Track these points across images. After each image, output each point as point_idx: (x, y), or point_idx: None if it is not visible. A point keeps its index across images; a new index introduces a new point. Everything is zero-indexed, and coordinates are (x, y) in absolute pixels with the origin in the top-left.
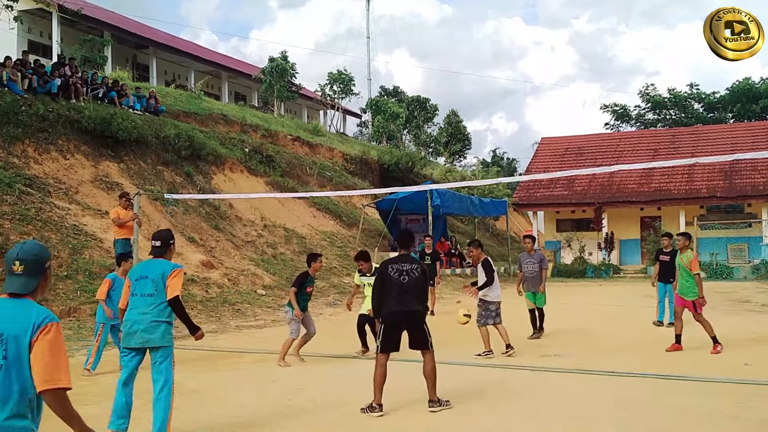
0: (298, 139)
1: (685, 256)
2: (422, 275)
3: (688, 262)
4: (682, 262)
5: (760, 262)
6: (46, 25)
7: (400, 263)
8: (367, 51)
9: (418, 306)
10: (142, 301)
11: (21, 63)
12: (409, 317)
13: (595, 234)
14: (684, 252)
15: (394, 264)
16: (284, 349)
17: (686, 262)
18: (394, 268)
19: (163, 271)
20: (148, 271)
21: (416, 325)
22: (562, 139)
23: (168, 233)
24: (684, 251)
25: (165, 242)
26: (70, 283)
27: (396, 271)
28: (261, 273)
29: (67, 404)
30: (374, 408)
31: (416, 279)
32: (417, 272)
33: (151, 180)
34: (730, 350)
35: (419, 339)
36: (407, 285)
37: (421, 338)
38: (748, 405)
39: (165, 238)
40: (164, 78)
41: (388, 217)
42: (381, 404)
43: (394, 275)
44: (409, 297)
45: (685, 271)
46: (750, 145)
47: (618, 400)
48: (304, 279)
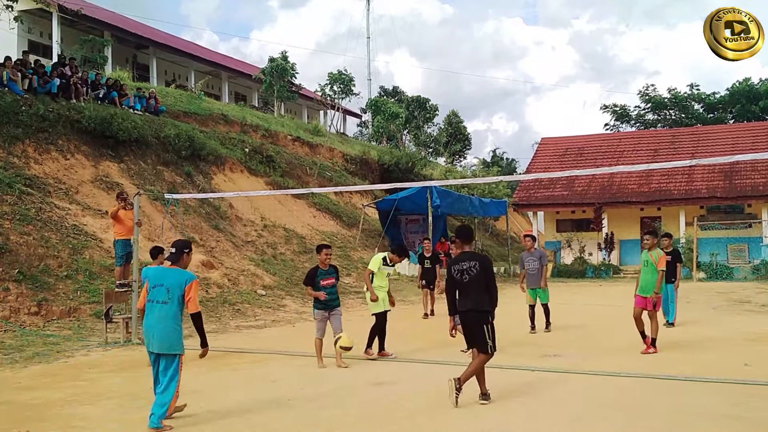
0: (298, 140)
1: (654, 253)
2: (482, 272)
3: (657, 258)
4: (651, 258)
5: (760, 262)
6: (46, 25)
7: (461, 262)
8: (367, 51)
9: (475, 305)
10: (157, 308)
11: (21, 63)
12: (469, 315)
13: (595, 234)
14: (653, 250)
15: (455, 265)
16: (317, 350)
17: (655, 259)
18: (455, 268)
19: (179, 281)
20: (164, 279)
21: (474, 324)
22: (562, 140)
23: (185, 242)
24: (653, 249)
25: (179, 250)
26: (70, 283)
27: (457, 271)
28: (261, 273)
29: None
30: (485, 395)
31: (475, 277)
32: (475, 270)
33: (151, 180)
34: (730, 350)
35: (478, 338)
36: (467, 284)
37: (479, 338)
38: (748, 405)
39: (180, 246)
40: (164, 78)
41: (388, 217)
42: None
43: (457, 275)
44: (469, 296)
45: (652, 266)
46: (750, 146)
47: (618, 400)
48: (315, 273)
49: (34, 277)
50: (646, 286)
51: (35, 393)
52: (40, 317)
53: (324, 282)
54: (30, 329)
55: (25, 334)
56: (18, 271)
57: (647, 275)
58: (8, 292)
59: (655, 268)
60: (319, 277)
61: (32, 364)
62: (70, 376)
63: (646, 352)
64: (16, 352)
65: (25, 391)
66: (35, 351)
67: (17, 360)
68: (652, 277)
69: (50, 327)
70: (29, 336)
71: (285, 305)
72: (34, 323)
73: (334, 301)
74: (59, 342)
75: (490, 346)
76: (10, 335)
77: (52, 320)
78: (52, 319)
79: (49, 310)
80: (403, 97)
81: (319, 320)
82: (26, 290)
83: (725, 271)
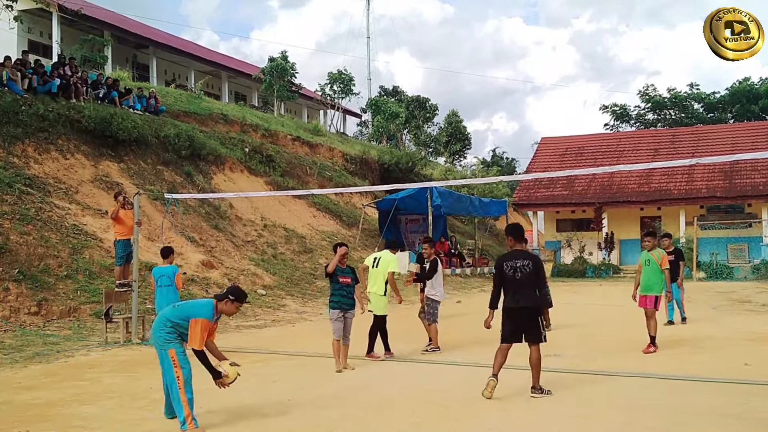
0: (298, 139)
1: (655, 253)
2: (534, 271)
3: (659, 258)
4: (653, 258)
5: (760, 262)
6: (46, 24)
7: (514, 260)
8: (367, 51)
9: (530, 302)
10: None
11: (21, 63)
12: (523, 312)
13: (595, 234)
14: (653, 250)
15: (508, 261)
16: (334, 353)
17: (657, 258)
18: (509, 265)
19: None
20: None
21: (529, 320)
22: (562, 139)
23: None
24: (653, 249)
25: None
26: (70, 283)
27: (510, 269)
28: (261, 273)
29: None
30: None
31: (528, 275)
32: (528, 268)
33: (151, 180)
34: (730, 350)
35: (532, 332)
36: (520, 281)
37: (534, 332)
38: (748, 405)
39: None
40: (164, 78)
41: (388, 217)
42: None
43: (509, 272)
44: (522, 293)
45: (654, 265)
46: (750, 146)
47: (618, 400)
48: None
49: (34, 277)
50: (647, 285)
51: (35, 393)
52: (40, 317)
53: (342, 279)
54: (30, 329)
55: (25, 334)
56: (18, 271)
57: (648, 274)
58: (8, 291)
59: (657, 267)
60: (337, 274)
61: (32, 364)
62: (70, 376)
63: (647, 351)
64: (16, 352)
65: (25, 391)
66: (35, 351)
67: (17, 360)
68: (654, 276)
69: (50, 327)
70: (29, 336)
71: (285, 305)
72: (34, 323)
73: (348, 303)
74: (59, 342)
75: (544, 335)
76: (10, 335)
77: (52, 320)
78: (52, 319)
79: (49, 310)
80: (403, 97)
81: (335, 320)
82: (26, 290)
83: (725, 271)
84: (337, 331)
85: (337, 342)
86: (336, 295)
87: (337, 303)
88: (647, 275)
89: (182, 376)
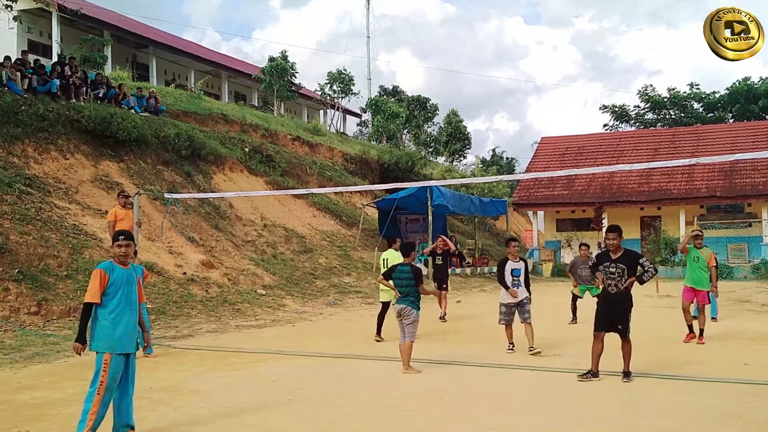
0: (298, 139)
1: (704, 251)
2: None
3: (708, 255)
4: (702, 255)
5: (760, 261)
6: (46, 24)
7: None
8: (367, 51)
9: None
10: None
11: (21, 63)
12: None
13: (595, 234)
14: (701, 247)
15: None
16: (405, 356)
17: (706, 256)
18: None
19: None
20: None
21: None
22: (562, 139)
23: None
24: (700, 247)
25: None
26: (70, 283)
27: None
28: (261, 273)
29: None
30: (590, 375)
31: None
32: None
33: (151, 180)
34: (730, 350)
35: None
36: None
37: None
38: (748, 405)
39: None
40: (164, 78)
41: (388, 217)
42: (597, 372)
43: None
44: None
45: (704, 262)
46: (750, 145)
47: (618, 400)
48: (392, 270)
49: (34, 277)
50: (700, 281)
51: (35, 393)
52: (40, 317)
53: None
54: (30, 329)
55: (25, 333)
56: (18, 271)
57: (700, 271)
58: (8, 291)
59: (706, 264)
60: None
61: (32, 364)
62: (70, 376)
63: (700, 342)
64: (16, 352)
65: (25, 391)
66: (35, 351)
67: (17, 360)
68: (705, 273)
69: (50, 327)
70: (29, 336)
71: (285, 305)
72: (34, 323)
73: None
74: (59, 342)
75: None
76: (10, 335)
77: (52, 320)
78: (52, 319)
79: (49, 309)
80: (403, 97)
81: (417, 323)
82: (26, 290)
83: (725, 271)
84: (413, 334)
85: (411, 344)
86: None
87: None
88: (697, 272)
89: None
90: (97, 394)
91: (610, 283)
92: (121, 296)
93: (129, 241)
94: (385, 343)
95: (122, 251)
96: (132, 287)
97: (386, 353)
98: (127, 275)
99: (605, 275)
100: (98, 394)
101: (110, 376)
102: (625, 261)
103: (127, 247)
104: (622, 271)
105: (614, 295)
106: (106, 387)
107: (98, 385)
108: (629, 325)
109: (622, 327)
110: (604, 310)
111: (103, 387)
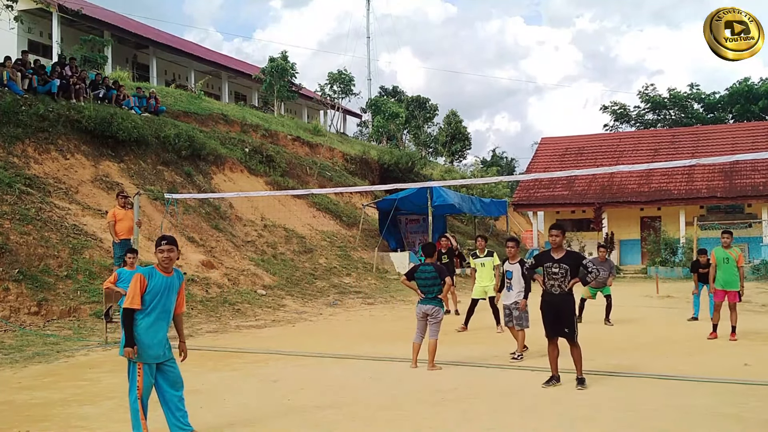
0: (298, 139)
1: (733, 251)
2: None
3: (737, 256)
4: (732, 256)
5: (760, 262)
6: (46, 25)
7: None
8: (367, 51)
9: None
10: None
11: (21, 63)
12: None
13: (595, 234)
14: (729, 248)
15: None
16: (431, 354)
17: (735, 256)
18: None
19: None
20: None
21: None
22: (563, 139)
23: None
24: (729, 247)
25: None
26: (70, 283)
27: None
28: (261, 273)
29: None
30: (554, 380)
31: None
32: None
33: (151, 180)
34: (730, 350)
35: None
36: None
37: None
38: (748, 405)
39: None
40: (164, 78)
41: (388, 217)
42: (558, 375)
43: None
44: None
45: (733, 263)
46: (750, 146)
47: (618, 400)
48: (415, 270)
49: (34, 277)
50: (730, 281)
51: (35, 393)
52: (40, 317)
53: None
54: (30, 329)
55: (25, 334)
56: (18, 271)
57: (729, 271)
58: (8, 291)
59: (735, 264)
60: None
61: (32, 364)
62: (70, 376)
63: (732, 339)
64: (16, 352)
65: (25, 391)
66: (35, 351)
67: (17, 360)
68: (734, 273)
69: (50, 327)
70: (29, 336)
71: (285, 305)
72: (34, 323)
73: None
74: (59, 342)
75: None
76: (10, 335)
77: (52, 320)
78: (52, 319)
79: (49, 310)
80: (403, 97)
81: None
82: (26, 290)
83: None
84: (437, 333)
85: (436, 342)
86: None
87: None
88: (728, 272)
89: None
90: (138, 400)
91: (553, 284)
92: (157, 304)
93: (172, 245)
94: (385, 344)
95: (164, 256)
96: (171, 296)
97: (386, 353)
98: (167, 283)
99: (547, 275)
100: (139, 399)
101: (145, 382)
102: (569, 261)
103: (170, 252)
104: (565, 272)
105: (557, 296)
106: (143, 391)
107: (136, 391)
108: (575, 327)
109: (568, 330)
110: (550, 313)
111: (140, 391)
